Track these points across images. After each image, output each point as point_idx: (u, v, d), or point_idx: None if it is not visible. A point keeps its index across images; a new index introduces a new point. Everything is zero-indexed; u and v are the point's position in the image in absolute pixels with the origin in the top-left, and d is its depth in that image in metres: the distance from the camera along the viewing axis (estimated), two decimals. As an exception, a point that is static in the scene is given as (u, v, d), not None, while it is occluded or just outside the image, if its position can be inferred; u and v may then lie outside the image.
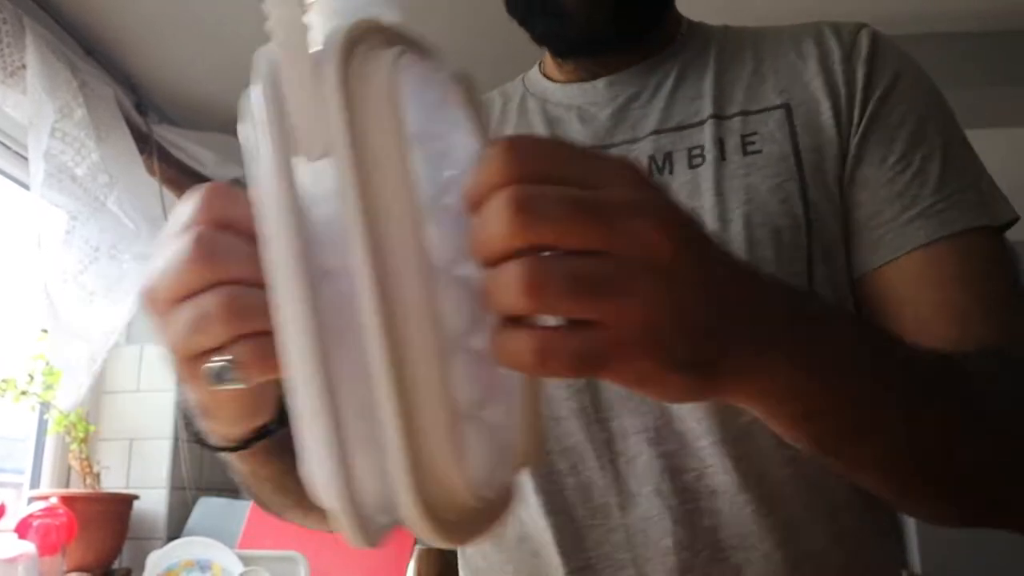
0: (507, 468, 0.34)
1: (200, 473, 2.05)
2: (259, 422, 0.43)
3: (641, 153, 0.61)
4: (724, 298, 0.33)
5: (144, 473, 1.93)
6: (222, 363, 0.34)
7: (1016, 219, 0.58)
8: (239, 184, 0.34)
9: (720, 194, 0.58)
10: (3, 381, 1.60)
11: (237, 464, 0.50)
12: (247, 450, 0.46)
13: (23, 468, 1.80)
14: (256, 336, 0.33)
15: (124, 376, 2.01)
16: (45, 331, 1.63)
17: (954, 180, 0.56)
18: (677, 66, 0.65)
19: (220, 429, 0.44)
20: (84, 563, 1.65)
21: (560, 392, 0.58)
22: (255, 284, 0.32)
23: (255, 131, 0.32)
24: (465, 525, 0.31)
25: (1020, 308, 0.55)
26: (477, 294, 0.30)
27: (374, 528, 0.30)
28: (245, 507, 1.66)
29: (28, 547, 1.37)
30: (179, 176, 1.87)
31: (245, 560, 1.46)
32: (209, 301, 0.33)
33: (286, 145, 0.31)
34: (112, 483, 1.88)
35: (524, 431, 0.34)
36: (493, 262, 0.30)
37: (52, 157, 1.47)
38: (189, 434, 0.47)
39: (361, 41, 0.31)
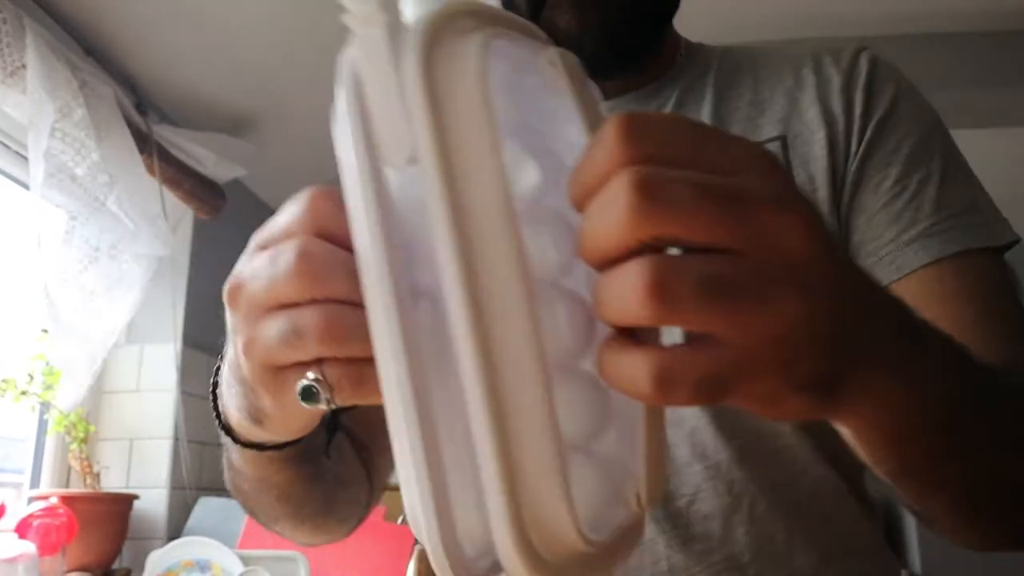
0: (622, 507, 0.30)
1: (200, 473, 2.05)
2: (304, 434, 0.42)
3: None
4: (857, 311, 0.28)
5: (144, 473, 1.93)
6: (311, 382, 0.32)
7: (1016, 240, 0.58)
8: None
9: None
10: (3, 381, 1.60)
11: (247, 467, 0.48)
12: (267, 455, 0.45)
13: (23, 468, 1.80)
14: (350, 360, 0.31)
15: (124, 376, 2.01)
16: (45, 331, 1.63)
17: (952, 202, 0.56)
18: (676, 92, 0.64)
19: (262, 435, 0.42)
20: (84, 563, 1.65)
21: None
22: (356, 303, 0.30)
23: (341, 139, 0.30)
24: (574, 571, 0.27)
25: (1017, 318, 0.55)
26: (589, 307, 0.26)
27: (475, 573, 0.28)
28: (245, 507, 1.66)
29: (28, 547, 1.37)
30: (179, 176, 1.87)
31: (245, 560, 1.46)
32: (308, 317, 0.31)
33: (372, 155, 0.28)
34: (112, 483, 1.88)
35: (643, 465, 0.29)
36: (609, 263, 0.25)
37: (52, 157, 1.47)
38: (220, 425, 0.45)
39: (447, 27, 0.27)
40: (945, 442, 0.37)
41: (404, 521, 1.80)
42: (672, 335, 0.27)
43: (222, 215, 2.05)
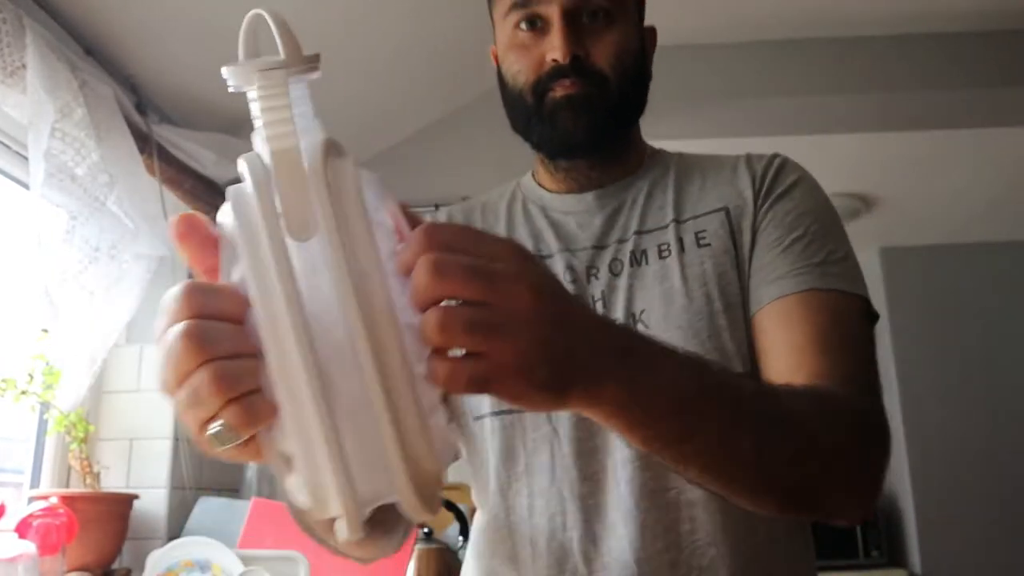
0: (449, 455, 0.44)
1: (200, 473, 2.05)
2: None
3: (625, 250, 0.83)
4: (577, 339, 0.45)
5: (144, 473, 1.93)
6: (217, 428, 0.40)
7: (866, 298, 0.77)
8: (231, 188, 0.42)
9: (685, 279, 0.80)
10: (3, 381, 1.60)
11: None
12: None
13: (23, 468, 1.80)
14: (242, 397, 0.39)
15: (124, 376, 2.01)
16: (45, 331, 1.63)
17: (812, 256, 0.76)
18: (647, 184, 0.87)
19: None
20: (84, 563, 1.65)
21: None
22: (236, 355, 0.39)
23: (242, 216, 0.40)
24: (436, 501, 0.42)
25: (850, 352, 0.73)
26: (414, 330, 0.41)
27: (363, 519, 0.40)
28: (245, 507, 1.66)
29: (28, 547, 1.37)
30: (179, 176, 1.87)
31: (245, 560, 1.45)
32: (199, 379, 0.39)
33: (278, 228, 0.39)
34: (112, 483, 1.88)
35: (454, 430, 0.45)
36: (421, 310, 0.41)
37: (52, 157, 1.47)
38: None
39: (331, 152, 0.41)
40: (677, 430, 0.53)
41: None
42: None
43: (222, 215, 2.05)
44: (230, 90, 0.45)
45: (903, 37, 2.58)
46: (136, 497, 1.80)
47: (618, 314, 0.79)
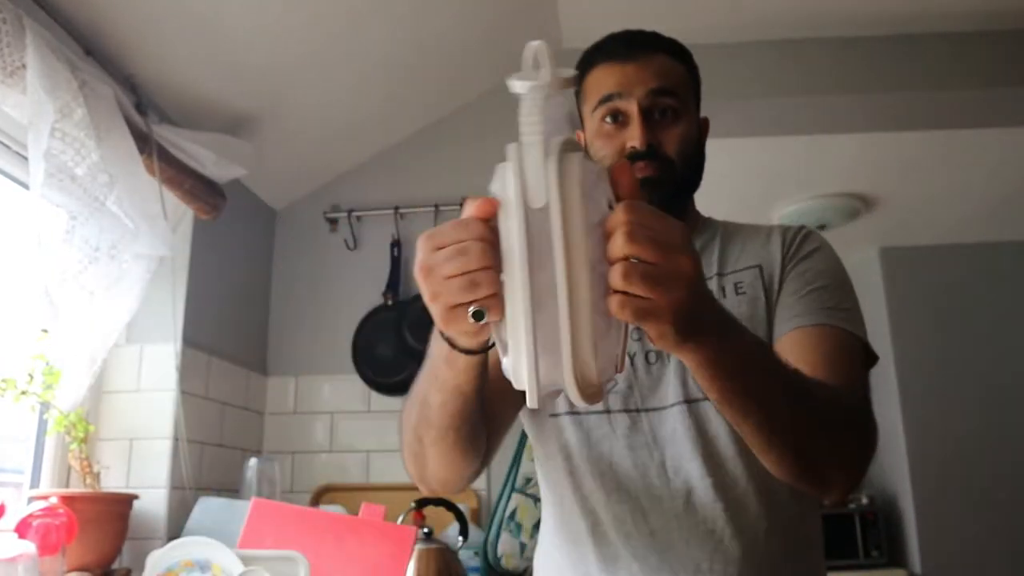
0: (612, 369, 0.63)
1: (200, 473, 2.05)
2: (484, 346, 0.74)
3: None
4: (704, 303, 0.66)
5: (144, 473, 1.93)
6: (476, 308, 0.61)
7: (866, 342, 0.99)
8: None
9: None
10: (3, 381, 1.60)
11: (450, 375, 0.80)
12: (467, 360, 0.76)
13: (23, 468, 1.80)
14: (495, 295, 0.61)
15: (124, 376, 2.01)
16: (45, 331, 1.63)
17: (825, 304, 0.97)
18: (698, 244, 1.05)
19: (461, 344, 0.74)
20: (84, 563, 1.65)
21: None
22: (498, 268, 0.61)
23: (505, 184, 0.61)
24: (595, 396, 0.60)
25: (848, 371, 0.93)
26: (604, 277, 0.60)
27: (544, 394, 0.60)
28: (245, 507, 1.66)
29: (28, 547, 1.37)
30: (179, 176, 1.87)
31: (245, 560, 1.45)
32: (483, 274, 0.60)
33: (521, 196, 0.60)
34: (112, 483, 1.88)
35: (619, 352, 0.64)
36: (613, 262, 0.59)
37: (52, 157, 1.47)
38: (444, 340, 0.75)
39: (567, 147, 0.60)
40: (742, 383, 0.73)
41: (407, 519, 1.80)
42: None
43: (222, 215, 2.05)
44: (512, 91, 0.63)
45: (903, 37, 2.57)
46: (136, 497, 1.80)
47: None
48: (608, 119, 1.02)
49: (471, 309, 0.61)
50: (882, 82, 2.56)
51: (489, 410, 0.92)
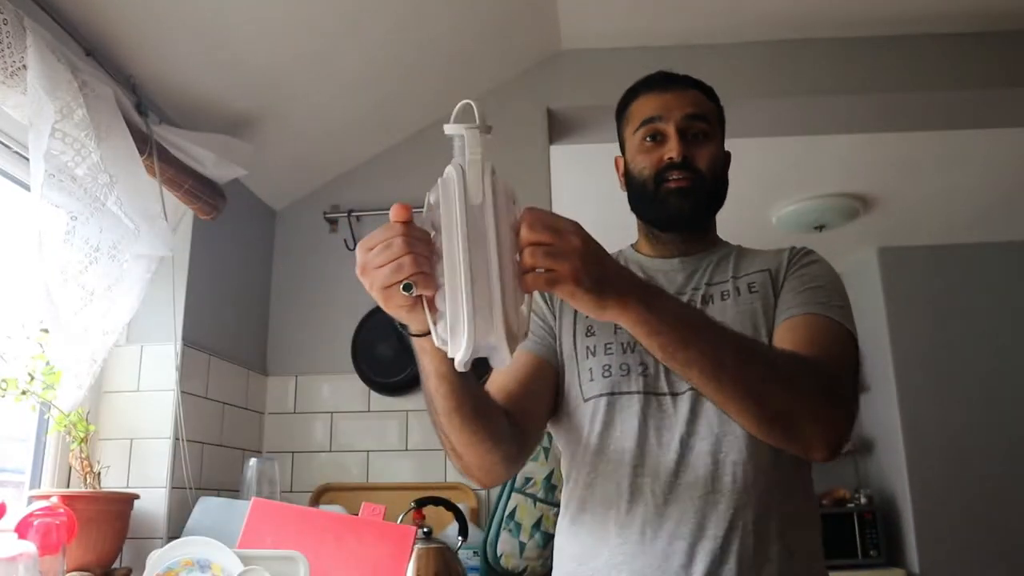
0: (525, 329, 0.79)
1: (200, 473, 2.05)
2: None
3: (698, 295, 1.19)
4: (608, 270, 0.83)
5: (144, 473, 1.93)
6: (407, 282, 0.77)
7: (852, 331, 1.10)
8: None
9: (738, 313, 1.15)
10: (3, 381, 1.60)
11: (426, 361, 0.93)
12: (431, 344, 0.83)
13: (23, 468, 1.80)
14: (421, 273, 0.77)
15: (124, 376, 2.01)
16: (45, 331, 1.64)
17: (816, 299, 1.12)
18: (717, 257, 1.24)
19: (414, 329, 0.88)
20: (84, 563, 1.65)
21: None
22: (420, 253, 0.78)
23: (447, 188, 0.80)
24: (516, 345, 0.76)
25: (830, 346, 1.06)
26: (516, 260, 0.79)
27: (472, 357, 0.76)
28: (245, 507, 1.66)
29: (28, 547, 1.37)
30: (179, 176, 1.87)
31: (245, 560, 1.46)
32: (406, 259, 0.77)
33: (463, 196, 0.78)
34: (112, 483, 1.88)
35: (527, 320, 0.80)
36: (522, 248, 0.79)
37: (52, 157, 1.47)
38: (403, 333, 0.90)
39: (493, 170, 0.81)
40: (679, 336, 0.89)
41: (407, 519, 1.80)
42: None
43: (222, 215, 2.05)
44: (447, 133, 0.83)
45: (903, 37, 2.58)
46: (136, 497, 1.80)
47: None
48: (648, 138, 1.21)
49: (403, 284, 0.76)
50: (880, 83, 2.56)
51: (521, 405, 1.11)
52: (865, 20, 2.52)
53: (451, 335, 0.75)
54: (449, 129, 0.82)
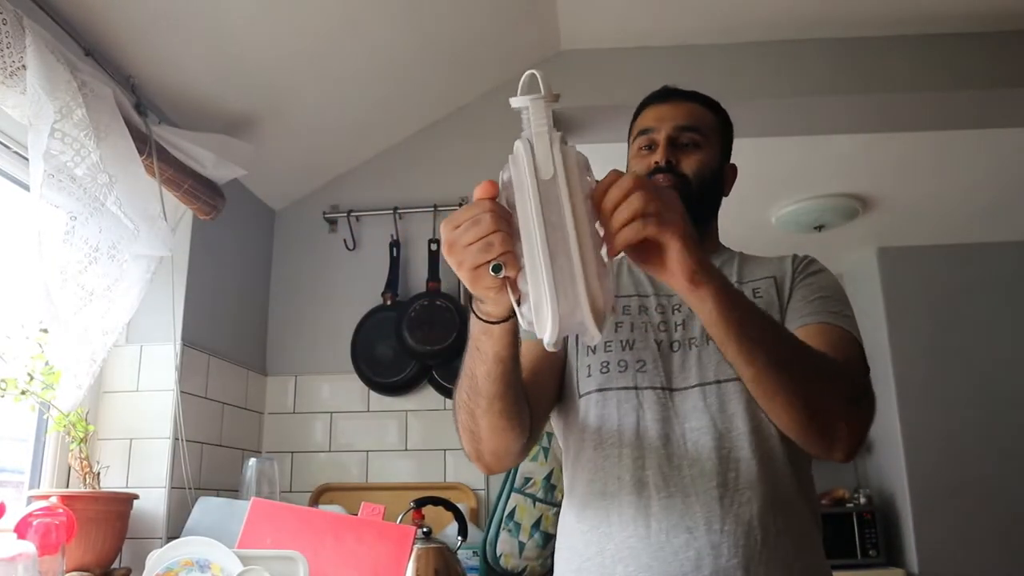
0: (611, 302, 0.76)
1: (200, 473, 2.05)
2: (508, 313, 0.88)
3: None
4: (695, 242, 0.85)
5: (144, 473, 1.93)
6: (496, 263, 0.76)
7: (862, 346, 1.14)
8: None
9: None
10: (3, 381, 1.60)
11: (488, 344, 0.93)
12: (501, 328, 0.89)
13: (23, 468, 1.80)
14: (510, 252, 0.76)
15: (124, 376, 2.01)
16: (45, 331, 1.64)
17: (828, 308, 1.16)
18: (719, 262, 1.26)
19: (490, 312, 0.89)
20: (84, 563, 1.65)
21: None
22: (507, 232, 0.77)
23: (517, 164, 0.78)
24: (603, 322, 0.74)
25: (848, 354, 1.10)
26: (597, 235, 0.78)
27: (561, 334, 0.74)
28: (245, 507, 1.66)
29: (28, 547, 1.37)
30: (178, 176, 1.87)
31: (244, 560, 1.46)
32: (496, 236, 0.76)
33: (534, 171, 0.77)
34: (112, 483, 1.88)
35: (613, 292, 0.78)
36: (608, 215, 0.79)
37: (52, 157, 1.47)
38: (472, 310, 0.91)
39: (564, 138, 0.79)
40: (747, 328, 0.91)
41: (406, 519, 1.80)
42: None
43: (221, 215, 2.05)
44: (513, 106, 0.80)
45: (903, 38, 2.58)
46: (136, 497, 1.80)
47: (695, 334, 1.16)
48: (644, 148, 1.27)
49: (491, 265, 0.75)
50: (880, 83, 2.56)
51: (531, 393, 1.11)
52: (865, 20, 2.52)
53: (535, 315, 0.74)
54: (515, 102, 0.80)
